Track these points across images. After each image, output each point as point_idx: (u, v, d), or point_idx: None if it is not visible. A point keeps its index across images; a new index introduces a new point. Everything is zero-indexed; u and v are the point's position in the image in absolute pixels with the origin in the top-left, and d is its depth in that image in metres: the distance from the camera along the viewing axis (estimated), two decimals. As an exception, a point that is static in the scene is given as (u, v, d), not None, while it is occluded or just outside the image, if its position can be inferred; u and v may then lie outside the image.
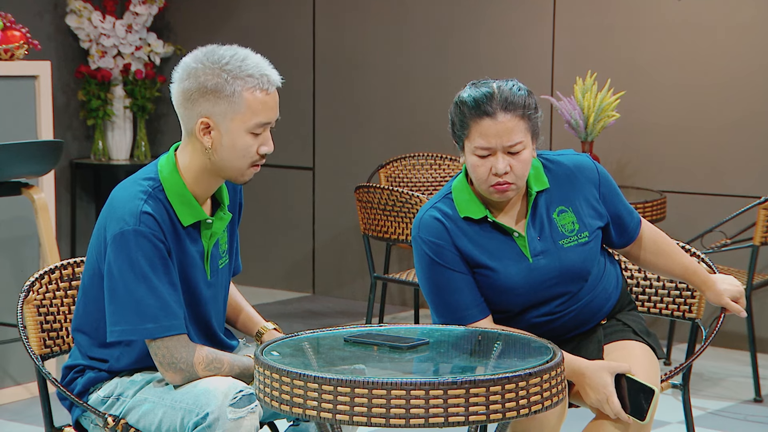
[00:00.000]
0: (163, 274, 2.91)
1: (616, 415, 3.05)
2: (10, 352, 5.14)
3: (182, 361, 2.92)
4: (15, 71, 5.12)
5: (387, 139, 7.09)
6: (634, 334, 3.28)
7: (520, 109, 3.09)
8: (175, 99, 2.96)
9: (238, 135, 2.92)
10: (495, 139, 3.07)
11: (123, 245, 2.89)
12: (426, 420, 2.53)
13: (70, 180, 7.58)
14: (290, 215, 7.50)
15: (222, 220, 3.04)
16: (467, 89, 3.13)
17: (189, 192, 2.97)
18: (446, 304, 3.17)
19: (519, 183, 3.12)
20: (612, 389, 3.06)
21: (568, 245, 3.20)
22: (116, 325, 2.91)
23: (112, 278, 2.91)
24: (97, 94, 7.47)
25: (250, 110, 2.90)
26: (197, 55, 2.93)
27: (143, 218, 2.90)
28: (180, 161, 2.99)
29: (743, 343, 5.98)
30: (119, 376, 3.07)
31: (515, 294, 3.19)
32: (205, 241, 3.03)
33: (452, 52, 6.84)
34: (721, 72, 6.10)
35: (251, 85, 2.90)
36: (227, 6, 7.62)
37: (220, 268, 3.10)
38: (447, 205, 3.18)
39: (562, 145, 6.34)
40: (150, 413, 2.98)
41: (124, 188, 2.99)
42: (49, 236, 4.85)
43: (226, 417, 2.84)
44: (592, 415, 3.18)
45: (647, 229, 3.37)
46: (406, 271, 5.49)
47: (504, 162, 3.08)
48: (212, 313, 3.10)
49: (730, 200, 6.06)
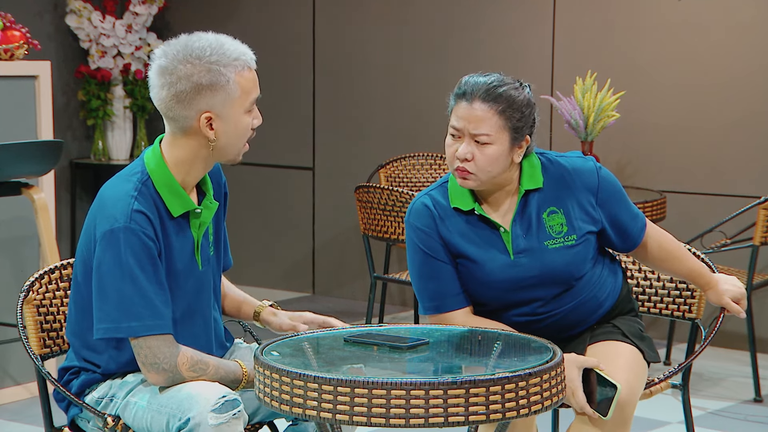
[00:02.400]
0: (152, 274, 2.91)
1: (581, 409, 3.06)
2: (10, 352, 5.14)
3: (165, 362, 2.91)
4: (15, 71, 5.12)
5: (387, 139, 7.09)
6: (622, 336, 3.27)
7: (501, 104, 3.11)
8: (162, 103, 2.95)
9: (239, 118, 2.97)
10: (464, 123, 3.12)
11: (112, 242, 2.90)
12: (426, 420, 2.53)
13: (70, 180, 7.58)
14: (290, 215, 7.50)
15: (209, 209, 3.06)
16: (472, 75, 3.19)
17: (176, 182, 2.99)
18: (427, 290, 3.23)
19: (480, 176, 3.14)
20: (578, 383, 3.06)
21: (553, 246, 3.20)
22: (101, 323, 2.92)
23: (100, 275, 2.92)
24: (97, 94, 7.47)
25: (244, 92, 2.96)
26: (173, 56, 2.93)
27: (134, 216, 2.91)
28: (167, 153, 3.00)
29: (743, 343, 5.98)
30: (112, 378, 3.07)
31: (493, 288, 3.20)
32: (194, 231, 3.04)
33: (452, 52, 6.84)
34: (721, 72, 6.10)
35: (239, 68, 2.95)
36: (227, 6, 7.62)
37: (210, 256, 3.11)
38: (441, 194, 3.23)
39: (561, 145, 6.34)
40: (140, 416, 2.98)
41: (113, 186, 2.99)
42: (49, 236, 4.85)
43: (208, 423, 2.84)
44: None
45: (653, 232, 3.35)
46: (406, 272, 5.49)
47: (468, 148, 3.12)
48: (205, 303, 3.10)
49: (730, 200, 6.06)
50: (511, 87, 3.13)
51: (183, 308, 3.03)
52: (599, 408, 3.06)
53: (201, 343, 3.06)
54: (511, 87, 3.13)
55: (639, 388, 3.20)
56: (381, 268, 6.55)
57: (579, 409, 3.07)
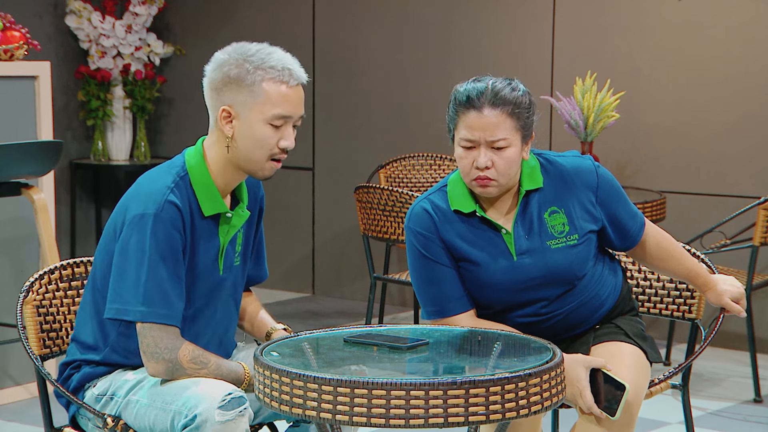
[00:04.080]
0: (173, 265, 2.93)
1: (588, 409, 3.06)
2: (10, 352, 5.14)
3: (166, 352, 2.92)
4: (15, 71, 5.12)
5: (387, 139, 7.09)
6: (625, 336, 3.27)
7: (509, 106, 3.10)
8: (204, 90, 3.03)
9: (256, 124, 2.97)
10: (478, 132, 3.09)
11: (141, 227, 2.92)
12: (426, 420, 2.53)
13: (70, 180, 7.58)
14: (290, 215, 7.50)
15: (240, 216, 3.08)
16: (464, 83, 3.17)
17: (213, 183, 3.01)
18: (429, 295, 3.22)
19: (501, 180, 3.13)
20: (586, 383, 3.06)
21: (556, 246, 3.19)
22: (114, 303, 2.95)
23: (122, 256, 2.94)
24: (97, 95, 7.47)
25: (269, 101, 2.96)
26: (228, 49, 3.02)
27: (167, 207, 2.94)
28: (207, 152, 3.04)
29: (743, 343, 5.98)
30: (113, 373, 3.08)
31: (496, 290, 3.19)
32: (222, 236, 3.06)
33: (452, 52, 6.84)
34: (721, 72, 6.10)
35: (271, 76, 2.96)
36: (227, 6, 7.62)
37: (234, 266, 3.11)
38: (440, 198, 3.22)
39: (561, 146, 6.34)
40: (143, 414, 2.98)
41: (151, 176, 3.03)
42: (48, 236, 4.85)
43: (214, 419, 2.84)
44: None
45: (652, 232, 3.35)
46: (406, 272, 5.49)
47: (486, 156, 3.10)
48: (217, 309, 3.10)
49: (730, 200, 6.06)
50: (510, 86, 3.13)
51: (194, 309, 3.05)
52: (607, 408, 3.05)
53: (200, 345, 3.05)
54: (510, 86, 3.13)
55: (643, 388, 3.20)
56: (381, 269, 6.55)
57: (586, 410, 3.06)
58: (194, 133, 7.83)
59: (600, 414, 3.05)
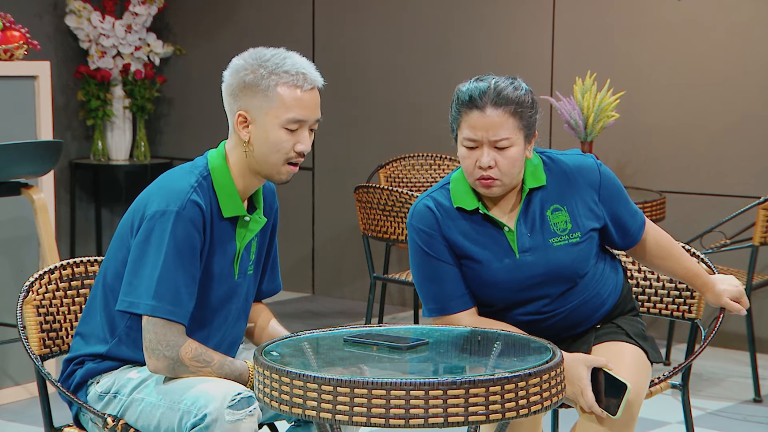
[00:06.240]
0: (188, 264, 2.94)
1: (589, 408, 3.06)
2: (10, 352, 5.14)
3: (167, 348, 2.92)
4: (15, 71, 5.12)
5: (387, 139, 7.09)
6: (626, 336, 3.27)
7: (512, 105, 3.10)
8: (223, 96, 3.06)
9: (271, 129, 2.99)
10: (481, 132, 3.09)
11: (161, 223, 2.94)
12: (425, 420, 2.53)
13: (70, 180, 7.58)
14: (290, 215, 7.49)
15: (257, 222, 3.09)
16: (467, 83, 3.16)
17: (234, 186, 3.03)
18: (431, 292, 3.21)
19: (505, 180, 3.13)
20: (587, 382, 3.06)
21: (558, 244, 3.20)
22: (126, 295, 2.96)
23: (139, 250, 2.96)
24: (97, 95, 7.47)
25: (283, 105, 2.97)
26: (244, 54, 3.04)
27: (189, 205, 2.95)
28: (228, 156, 3.06)
29: (743, 343, 5.98)
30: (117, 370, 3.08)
31: (499, 288, 3.19)
32: (239, 241, 3.07)
33: (452, 52, 6.84)
34: (721, 72, 6.10)
35: (285, 80, 2.97)
36: (227, 6, 7.62)
37: (247, 274, 3.12)
38: (443, 195, 3.22)
39: (561, 145, 6.34)
40: (148, 413, 2.98)
41: (174, 175, 3.05)
42: (48, 236, 4.85)
43: (224, 419, 2.85)
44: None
45: (651, 231, 3.36)
46: (406, 272, 5.49)
47: (489, 156, 3.10)
48: (231, 316, 3.10)
49: (730, 200, 6.06)
50: (512, 85, 3.13)
51: (207, 311, 3.05)
52: (607, 407, 3.05)
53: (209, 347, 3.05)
54: (512, 85, 3.13)
55: (644, 387, 3.20)
56: (381, 269, 6.55)
57: (588, 409, 3.06)
58: (194, 133, 7.86)
59: (601, 413, 3.05)
